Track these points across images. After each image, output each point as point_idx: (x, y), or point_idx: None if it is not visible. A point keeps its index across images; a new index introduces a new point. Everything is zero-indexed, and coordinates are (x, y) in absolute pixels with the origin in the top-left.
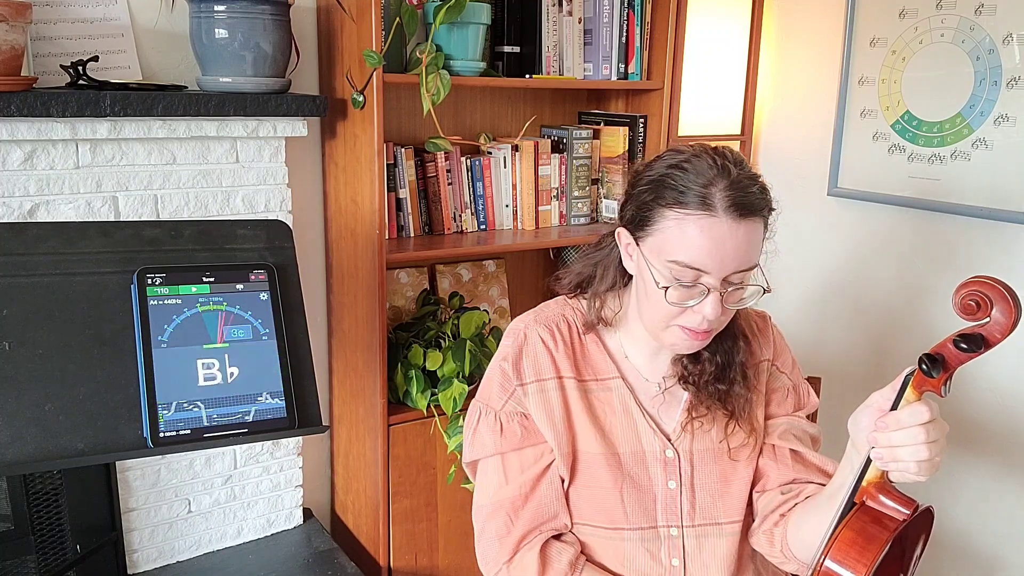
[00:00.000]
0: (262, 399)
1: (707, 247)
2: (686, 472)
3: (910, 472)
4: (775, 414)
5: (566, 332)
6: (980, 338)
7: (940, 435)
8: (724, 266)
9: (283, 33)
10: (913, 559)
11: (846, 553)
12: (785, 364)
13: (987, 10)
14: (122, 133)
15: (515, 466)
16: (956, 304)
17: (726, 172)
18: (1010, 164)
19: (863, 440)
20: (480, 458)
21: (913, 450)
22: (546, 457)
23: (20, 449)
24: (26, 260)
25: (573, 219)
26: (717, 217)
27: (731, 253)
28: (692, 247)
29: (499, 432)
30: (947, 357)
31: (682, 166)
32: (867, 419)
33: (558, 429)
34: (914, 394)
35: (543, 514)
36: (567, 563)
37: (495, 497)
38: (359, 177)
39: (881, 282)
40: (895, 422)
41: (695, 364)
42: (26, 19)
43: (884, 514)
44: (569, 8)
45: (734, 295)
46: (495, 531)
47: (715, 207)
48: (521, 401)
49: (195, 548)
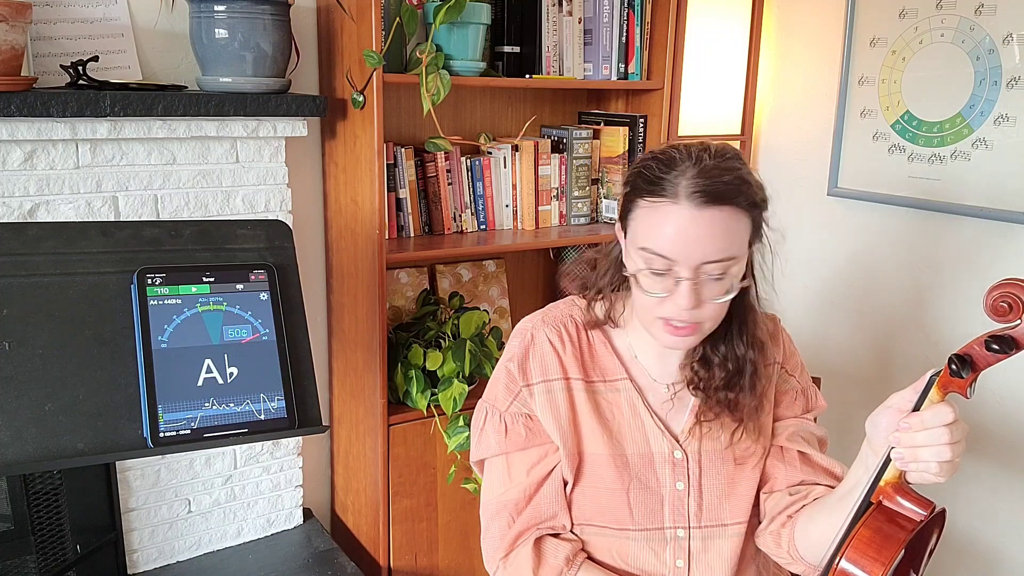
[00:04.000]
0: (262, 399)
1: (670, 235)
2: (694, 473)
3: (931, 473)
4: (784, 416)
5: (574, 333)
6: (1012, 340)
7: (962, 436)
8: (691, 254)
9: (283, 33)
10: (924, 557)
11: (863, 552)
12: (794, 367)
13: (987, 10)
14: (122, 133)
15: (519, 466)
16: (987, 305)
17: (698, 161)
18: (1010, 164)
19: (881, 440)
20: (486, 457)
21: (936, 451)
22: (550, 458)
23: (20, 449)
24: (26, 260)
25: (573, 219)
26: (679, 204)
27: (696, 241)
28: (658, 235)
29: (503, 433)
30: (976, 358)
31: (659, 157)
32: (887, 420)
33: (564, 430)
34: (938, 394)
35: (541, 513)
36: (563, 559)
37: (500, 497)
38: (359, 177)
39: (881, 282)
40: (919, 423)
41: (705, 369)
42: (26, 19)
43: (901, 514)
44: (569, 8)
45: (711, 287)
46: (497, 529)
47: (679, 195)
48: (526, 402)
49: (195, 548)
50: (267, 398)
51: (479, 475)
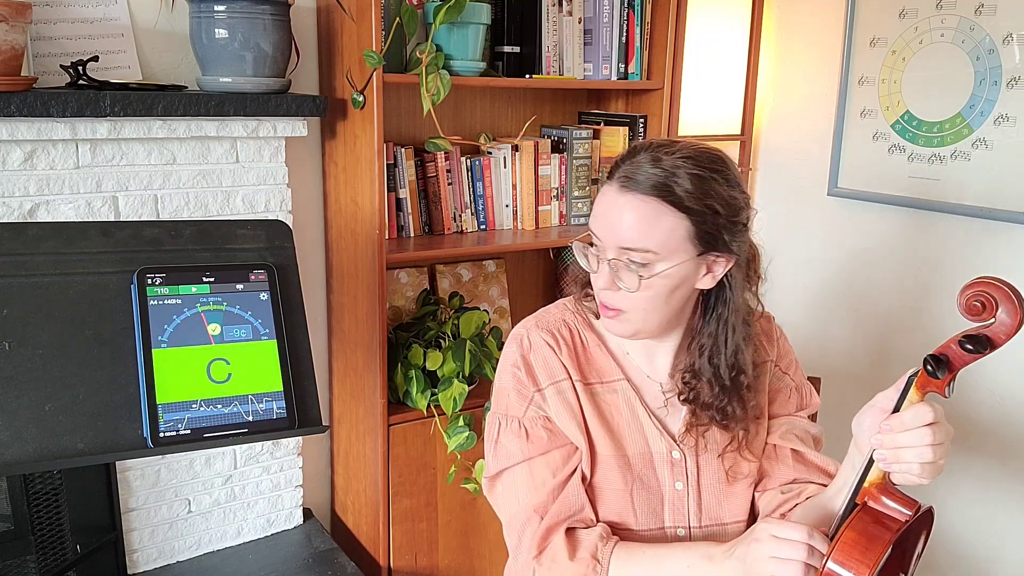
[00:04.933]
0: (262, 399)
1: (597, 213)
2: (692, 473)
3: (913, 474)
4: (777, 414)
5: (567, 336)
6: (986, 339)
7: (945, 438)
8: (606, 234)
9: (283, 33)
10: (913, 558)
11: (848, 554)
12: (788, 365)
13: (987, 10)
14: (122, 133)
15: (543, 470)
16: (961, 305)
17: (647, 151)
18: (1010, 164)
19: (866, 441)
20: (506, 467)
21: (917, 452)
22: (573, 459)
23: (20, 449)
24: (26, 260)
25: (573, 219)
26: (609, 184)
27: (612, 222)
28: (594, 213)
29: (525, 438)
30: (952, 358)
31: (632, 147)
32: (870, 420)
33: (581, 428)
34: (917, 395)
35: (570, 507)
36: (596, 536)
37: (528, 504)
38: (359, 177)
39: (881, 282)
40: (899, 424)
41: (695, 381)
42: (26, 19)
43: (886, 515)
44: (569, 8)
45: (628, 276)
46: (530, 535)
47: (612, 177)
48: (542, 406)
49: (195, 548)
50: (267, 398)
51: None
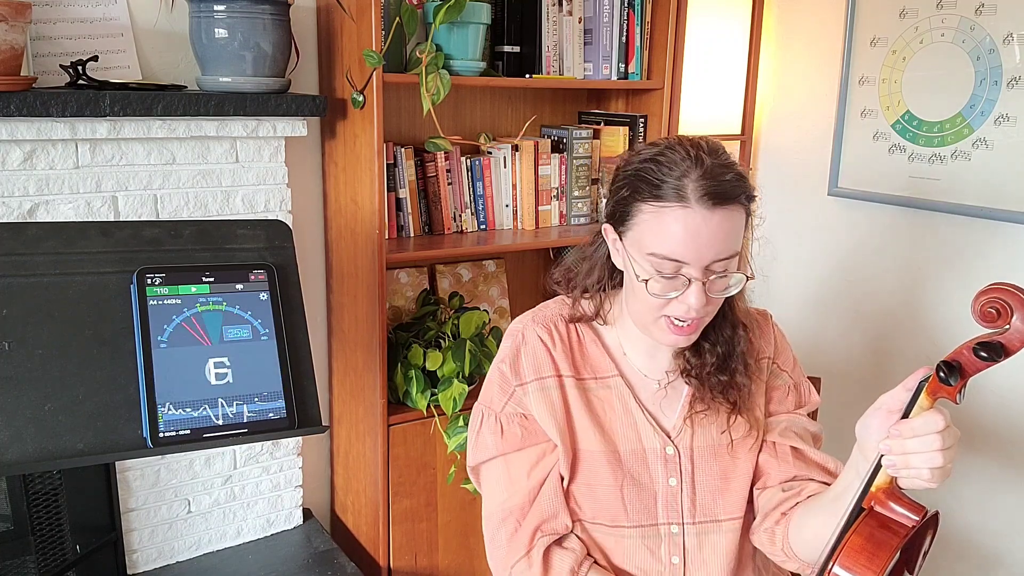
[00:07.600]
0: (262, 399)
1: (683, 238)
2: (686, 469)
3: (922, 479)
4: (776, 411)
5: (564, 331)
6: (1000, 346)
7: (954, 442)
8: (702, 256)
9: (283, 33)
10: (919, 558)
11: (855, 560)
12: (786, 362)
13: (987, 10)
14: (122, 133)
15: (518, 469)
16: (975, 311)
17: (699, 162)
18: (1010, 164)
19: (872, 445)
20: (483, 461)
21: (927, 457)
22: (548, 458)
23: (20, 449)
24: (26, 260)
25: (573, 219)
26: (691, 208)
27: (708, 242)
28: (669, 239)
29: (499, 434)
30: (964, 364)
31: (656, 159)
32: (876, 422)
33: (560, 427)
34: (928, 400)
35: (544, 512)
36: (568, 570)
37: (504, 504)
38: (359, 177)
39: (881, 282)
40: (909, 430)
41: (697, 357)
42: (26, 19)
43: (893, 520)
44: (569, 8)
45: (718, 283)
46: (506, 536)
47: (688, 198)
48: (521, 401)
49: (195, 548)
50: (267, 398)
51: (476, 483)
